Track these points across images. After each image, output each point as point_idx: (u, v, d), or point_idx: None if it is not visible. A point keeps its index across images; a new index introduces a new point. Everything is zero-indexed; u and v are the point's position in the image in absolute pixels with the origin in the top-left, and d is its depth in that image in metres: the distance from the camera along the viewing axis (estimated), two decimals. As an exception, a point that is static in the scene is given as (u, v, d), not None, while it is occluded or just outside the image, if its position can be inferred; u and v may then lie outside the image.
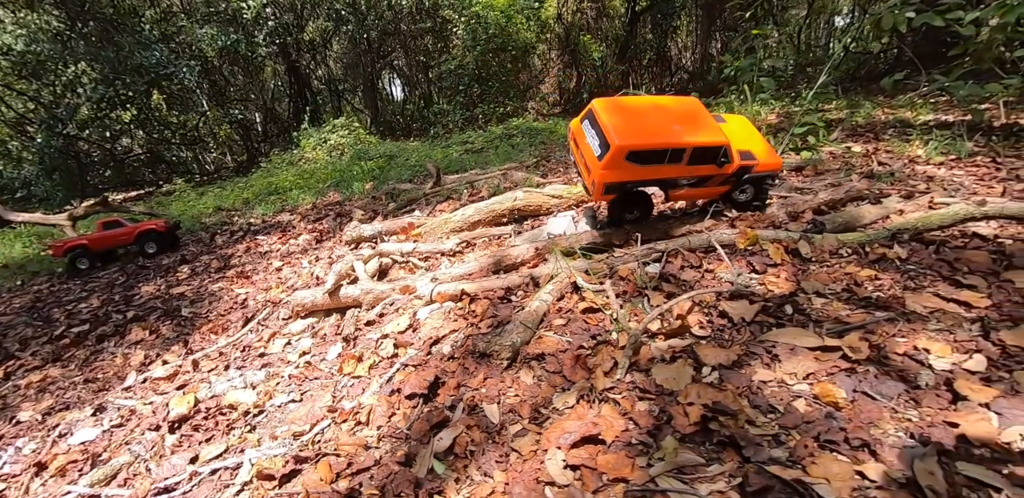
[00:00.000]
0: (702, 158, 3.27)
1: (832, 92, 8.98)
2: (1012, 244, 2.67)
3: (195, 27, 12.61)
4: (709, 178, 3.36)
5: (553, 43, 16.99)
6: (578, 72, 17.74)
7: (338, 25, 15.48)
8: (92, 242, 7.09)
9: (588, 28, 16.93)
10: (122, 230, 7.17)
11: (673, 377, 2.07)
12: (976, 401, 1.66)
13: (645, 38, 15.91)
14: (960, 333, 2.04)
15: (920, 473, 1.46)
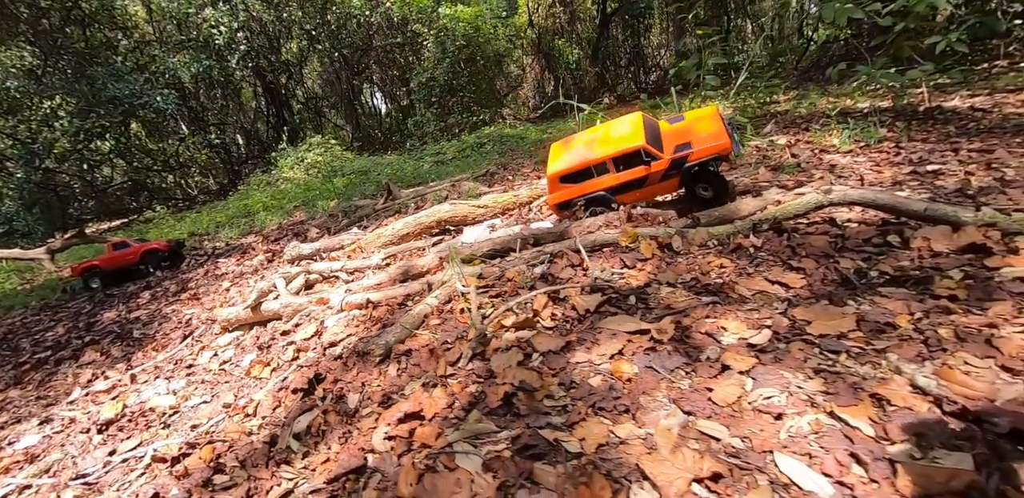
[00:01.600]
0: (628, 163, 3.81)
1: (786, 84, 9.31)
2: (853, 228, 2.97)
3: (167, 57, 13.32)
4: (646, 178, 3.83)
5: (528, 49, 17.51)
6: (555, 76, 18.23)
7: (312, 44, 16.17)
8: (103, 262, 7.88)
9: (562, 32, 17.44)
10: (128, 250, 7.87)
11: (504, 363, 2.39)
12: (737, 369, 1.97)
13: (617, 39, 16.37)
14: (764, 311, 2.35)
15: (660, 431, 1.77)
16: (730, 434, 1.70)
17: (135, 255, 7.87)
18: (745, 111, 7.87)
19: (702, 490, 1.52)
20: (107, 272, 7.89)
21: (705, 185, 3.78)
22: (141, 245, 8.06)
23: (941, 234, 2.57)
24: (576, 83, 17.30)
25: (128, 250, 7.94)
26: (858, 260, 2.60)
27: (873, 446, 1.51)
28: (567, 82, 17.60)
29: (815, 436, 1.60)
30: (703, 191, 3.81)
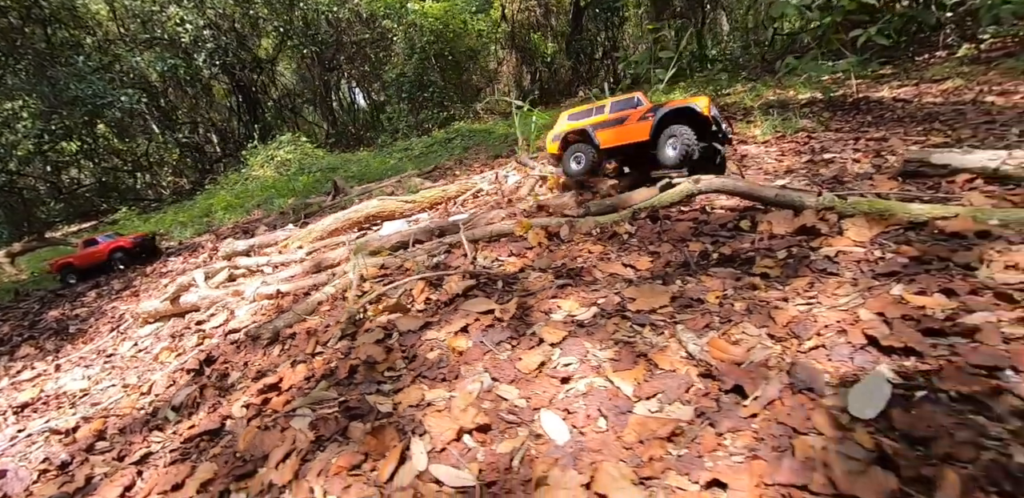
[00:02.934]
0: (622, 107, 4.31)
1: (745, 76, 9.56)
2: (716, 214, 3.21)
3: (131, 56, 13.51)
4: (627, 117, 4.20)
5: (504, 43, 17.73)
6: (532, 70, 18.44)
7: (283, 41, 16.37)
8: (77, 260, 8.40)
9: (537, 26, 17.66)
10: (97, 248, 8.22)
11: (365, 342, 2.63)
12: (549, 342, 2.20)
13: (592, 32, 16.59)
14: (603, 291, 2.58)
15: (462, 394, 2.01)
16: (518, 395, 1.94)
17: (103, 253, 8.21)
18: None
19: (469, 439, 1.75)
20: (81, 269, 8.38)
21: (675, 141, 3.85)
22: (108, 243, 8.34)
23: (783, 218, 2.81)
24: (552, 77, 17.53)
25: (96, 248, 8.30)
26: (707, 243, 2.84)
27: (625, 403, 1.74)
28: (543, 76, 17.84)
29: (584, 396, 1.83)
30: (670, 150, 3.87)
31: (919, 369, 1.56)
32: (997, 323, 1.69)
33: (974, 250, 2.18)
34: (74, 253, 8.68)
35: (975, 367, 1.51)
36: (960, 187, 3.07)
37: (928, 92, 5.95)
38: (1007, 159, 3.01)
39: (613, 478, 1.43)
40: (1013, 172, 2.97)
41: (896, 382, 1.52)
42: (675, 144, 3.82)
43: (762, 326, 1.97)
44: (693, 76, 9.56)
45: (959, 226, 2.38)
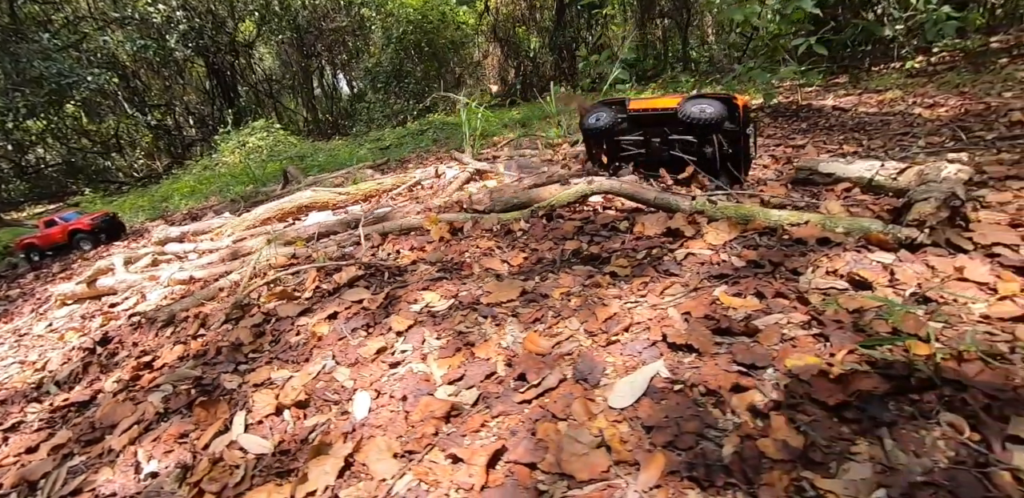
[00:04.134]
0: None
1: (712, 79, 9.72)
2: (603, 214, 3.35)
3: (98, 34, 13.43)
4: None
5: (488, 35, 17.77)
6: (517, 63, 18.52)
7: (259, 26, 16.32)
8: (39, 240, 8.62)
9: (523, 19, 17.72)
10: (56, 229, 8.34)
11: (243, 326, 2.75)
12: (396, 330, 2.34)
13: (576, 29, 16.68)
14: (469, 284, 2.71)
15: (301, 376, 2.14)
16: (348, 377, 2.07)
17: (63, 234, 8.34)
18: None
19: (288, 414, 1.90)
20: (44, 248, 8.61)
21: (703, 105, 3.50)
22: (66, 225, 8.44)
23: (657, 220, 2.95)
24: (535, 71, 17.62)
25: (56, 229, 8.42)
26: (583, 242, 2.97)
27: (429, 387, 1.88)
28: (527, 70, 17.91)
29: (401, 379, 1.97)
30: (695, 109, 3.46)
31: (690, 365, 1.70)
32: (783, 325, 1.84)
33: (808, 256, 2.34)
34: (36, 233, 8.82)
35: (739, 365, 1.65)
36: (837, 195, 3.23)
37: (867, 102, 6.12)
38: (880, 170, 3.17)
39: (378, 450, 1.57)
40: (883, 182, 3.12)
41: (664, 376, 1.66)
42: (703, 108, 3.42)
43: (584, 321, 2.10)
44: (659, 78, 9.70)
45: (805, 233, 2.53)
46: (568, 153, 5.65)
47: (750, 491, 1.20)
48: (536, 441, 1.47)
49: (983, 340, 1.56)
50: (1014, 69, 6.13)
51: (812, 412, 1.40)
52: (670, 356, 1.76)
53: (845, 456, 1.25)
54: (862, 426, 1.32)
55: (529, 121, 10.61)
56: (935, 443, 1.24)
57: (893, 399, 1.39)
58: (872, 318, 1.75)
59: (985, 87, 5.71)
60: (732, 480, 1.23)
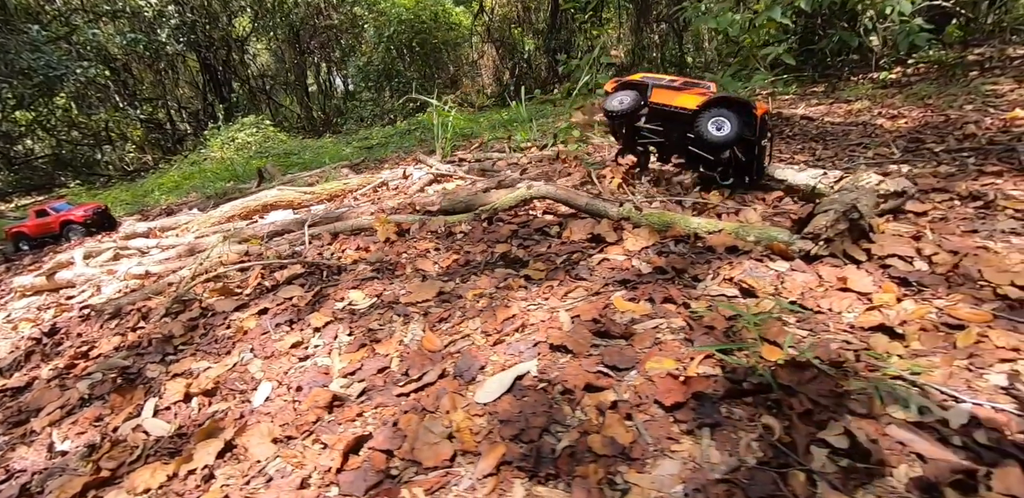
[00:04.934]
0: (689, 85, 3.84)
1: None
2: (540, 218, 3.47)
3: (87, 27, 13.61)
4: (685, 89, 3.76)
5: (484, 36, 17.93)
6: (512, 64, 18.66)
7: (254, 22, 16.49)
8: (29, 229, 8.79)
9: (519, 21, 17.88)
10: (49, 219, 8.47)
11: (181, 320, 2.89)
12: (313, 326, 2.46)
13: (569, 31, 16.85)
14: (396, 284, 2.84)
15: (218, 367, 2.26)
16: (259, 368, 2.20)
17: (55, 224, 8.50)
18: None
19: (196, 401, 2.03)
20: (33, 237, 8.78)
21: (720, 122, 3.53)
22: (59, 215, 8.60)
23: (585, 225, 3.08)
24: (530, 73, 17.76)
25: (49, 219, 8.57)
26: (514, 246, 3.10)
27: (326, 379, 2.00)
28: (522, 71, 18.06)
29: (304, 371, 2.09)
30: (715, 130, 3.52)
31: (560, 365, 1.82)
32: (660, 329, 1.96)
33: (712, 263, 2.46)
34: (26, 222, 8.97)
35: (606, 366, 1.77)
36: (768, 204, 3.35)
37: (836, 112, 6.25)
38: (822, 179, 3.29)
39: (260, 435, 1.69)
40: (824, 191, 3.25)
41: (533, 375, 1.78)
42: (720, 125, 3.48)
43: (484, 322, 2.23)
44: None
45: (717, 241, 2.65)
46: (534, 157, 5.78)
47: (567, 481, 1.32)
48: (397, 431, 1.59)
49: (838, 349, 1.69)
50: (982, 82, 6.24)
51: (651, 412, 1.52)
52: (548, 356, 1.88)
53: (665, 453, 1.37)
54: (690, 426, 1.44)
55: (514, 123, 10.74)
56: (749, 444, 1.35)
57: (727, 402, 1.51)
58: (743, 325, 1.87)
59: (949, 99, 5.82)
60: (554, 471, 1.35)
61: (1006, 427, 1.30)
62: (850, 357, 1.63)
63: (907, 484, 1.17)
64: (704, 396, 1.51)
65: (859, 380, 1.50)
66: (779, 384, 1.49)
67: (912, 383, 1.49)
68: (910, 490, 1.15)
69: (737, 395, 1.50)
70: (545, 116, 10.90)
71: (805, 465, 1.25)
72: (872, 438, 1.27)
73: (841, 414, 1.38)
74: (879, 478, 1.19)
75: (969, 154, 4.01)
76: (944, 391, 1.44)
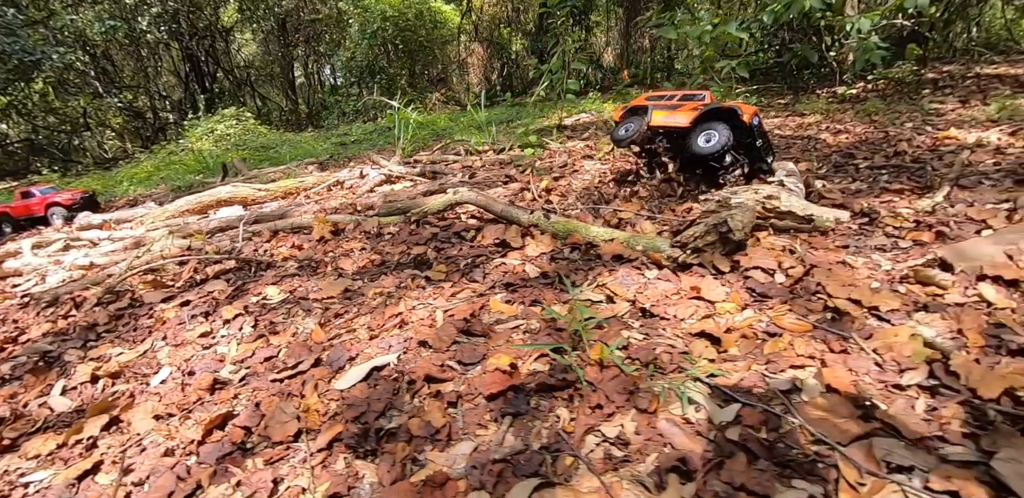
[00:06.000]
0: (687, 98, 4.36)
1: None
2: (460, 222, 3.74)
3: (64, 13, 13.74)
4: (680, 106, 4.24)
5: (472, 34, 18.18)
6: (500, 64, 18.93)
7: (240, 12, 16.67)
8: (13, 210, 8.89)
9: (508, 21, 18.13)
10: (34, 201, 8.63)
11: (109, 309, 3.13)
12: (225, 318, 2.72)
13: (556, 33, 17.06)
14: (312, 282, 3.10)
15: (130, 352, 2.52)
16: (167, 355, 2.46)
17: (40, 207, 8.68)
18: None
19: (101, 382, 2.28)
20: (17, 219, 8.89)
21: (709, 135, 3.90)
22: (45, 197, 8.79)
23: (497, 230, 3.34)
24: (517, 73, 18.01)
25: (34, 201, 8.75)
26: (430, 248, 3.36)
27: (219, 365, 2.26)
28: (509, 71, 18.31)
29: (203, 358, 2.35)
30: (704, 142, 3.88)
31: (417, 359, 2.08)
32: (517, 329, 2.22)
33: (594, 270, 2.73)
34: (10, 204, 9.13)
35: (456, 361, 2.02)
36: (676, 214, 3.63)
37: (788, 125, 6.55)
38: (732, 198, 3.57)
39: (144, 411, 1.95)
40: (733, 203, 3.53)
41: (392, 366, 2.04)
42: (709, 137, 3.84)
43: (373, 318, 2.49)
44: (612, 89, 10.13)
45: (608, 249, 2.91)
46: (488, 161, 6.05)
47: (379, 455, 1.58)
48: (257, 411, 1.85)
49: (661, 351, 1.94)
50: (929, 101, 6.56)
51: (476, 401, 1.78)
52: (413, 350, 2.14)
53: (468, 436, 1.63)
54: (500, 414, 1.70)
55: (497, 123, 11.00)
56: (540, 431, 1.61)
57: (539, 394, 1.77)
58: (590, 328, 2.14)
59: (893, 117, 6.13)
60: (373, 448, 1.62)
61: (762, 425, 1.56)
62: (665, 359, 1.89)
63: (651, 470, 1.42)
64: (520, 389, 1.77)
65: (659, 380, 1.76)
66: (587, 381, 1.76)
67: (707, 384, 1.74)
68: (651, 475, 1.41)
69: (548, 389, 1.76)
70: (521, 118, 11.19)
71: (575, 450, 1.50)
72: (638, 431, 1.54)
73: (628, 408, 1.64)
74: (632, 464, 1.44)
75: (886, 171, 4.29)
76: (727, 392, 1.69)
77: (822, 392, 1.65)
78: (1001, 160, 4.12)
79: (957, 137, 5.05)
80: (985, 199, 3.34)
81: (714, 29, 6.22)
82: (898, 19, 7.44)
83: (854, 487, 1.28)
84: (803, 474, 1.33)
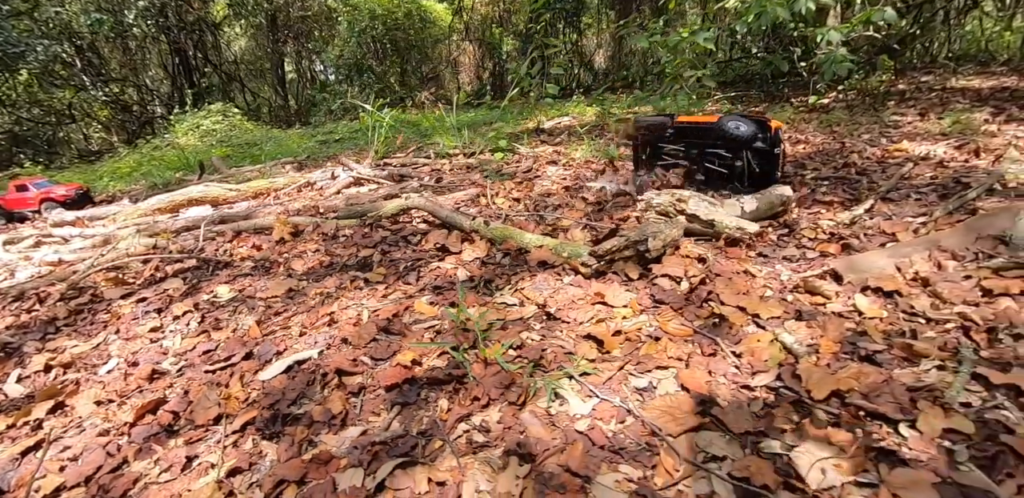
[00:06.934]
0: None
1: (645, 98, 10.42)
2: (411, 226, 4.01)
3: (49, 4, 13.95)
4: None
5: (463, 34, 18.44)
6: (492, 64, 19.19)
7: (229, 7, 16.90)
8: (7, 202, 9.10)
9: (500, 21, 18.39)
10: (28, 194, 8.86)
11: (70, 304, 3.40)
12: (175, 314, 2.99)
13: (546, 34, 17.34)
14: (263, 281, 3.37)
15: (84, 345, 2.78)
16: (118, 347, 2.72)
17: (35, 201, 8.91)
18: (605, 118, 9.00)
19: (54, 372, 2.55)
20: (10, 211, 9.20)
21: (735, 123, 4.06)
22: (39, 192, 9.03)
23: (440, 235, 3.62)
24: (508, 73, 18.27)
25: (28, 194, 8.99)
26: (378, 251, 3.63)
27: (161, 357, 2.53)
28: (500, 71, 18.57)
29: (148, 351, 2.62)
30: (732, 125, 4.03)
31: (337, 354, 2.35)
32: (431, 329, 2.49)
33: (517, 275, 3.00)
34: (3, 195, 9.37)
35: (369, 356, 2.29)
36: (614, 222, 3.90)
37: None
38: (675, 203, 3.84)
39: (87, 397, 2.22)
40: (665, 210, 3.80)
41: (313, 360, 2.32)
42: (738, 125, 3.97)
43: (308, 316, 2.76)
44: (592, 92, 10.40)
45: (536, 255, 3.18)
46: (457, 164, 6.32)
47: (282, 436, 1.86)
48: (186, 397, 2.13)
49: (550, 351, 2.21)
50: (892, 112, 6.85)
51: (376, 392, 2.05)
52: (335, 346, 2.42)
53: (360, 422, 1.90)
54: (392, 403, 1.97)
55: (476, 125, 11.27)
56: (421, 418, 1.88)
57: (429, 387, 2.03)
58: (496, 329, 2.41)
59: (853, 127, 6.41)
60: (277, 431, 1.89)
61: (611, 418, 1.82)
62: (550, 358, 2.16)
63: (500, 454, 1.67)
64: (415, 381, 2.05)
65: (538, 377, 2.03)
66: (473, 376, 2.03)
67: (578, 381, 2.00)
68: (500, 458, 1.65)
69: (437, 383, 2.03)
70: (505, 120, 11.46)
71: (445, 436, 1.77)
72: (502, 420, 1.80)
73: (501, 401, 1.91)
74: (489, 448, 1.71)
75: (828, 182, 4.55)
76: (592, 389, 1.94)
77: (676, 390, 1.91)
78: (939, 174, 4.33)
79: (907, 150, 5.28)
80: (905, 212, 3.60)
81: (683, 39, 6.50)
82: (869, 31, 7.73)
83: (669, 473, 1.53)
84: (629, 460, 1.59)
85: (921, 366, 1.97)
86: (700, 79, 6.48)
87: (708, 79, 6.49)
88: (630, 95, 9.21)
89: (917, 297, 2.40)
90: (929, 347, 2.02)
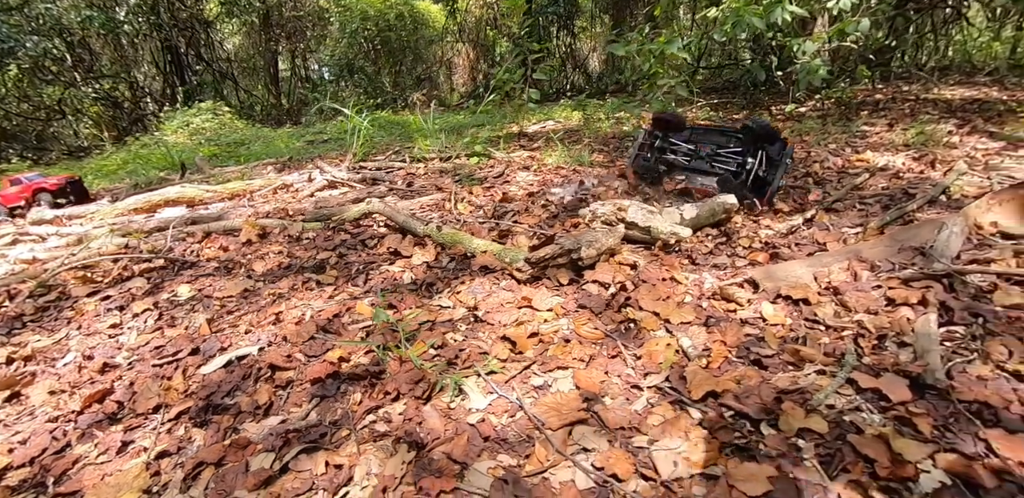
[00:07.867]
0: None
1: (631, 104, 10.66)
2: (372, 230, 4.25)
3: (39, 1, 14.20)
4: None
5: (457, 37, 18.71)
6: (487, 66, 19.44)
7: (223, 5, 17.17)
8: (5, 199, 9.18)
9: (494, 23, 18.65)
10: (22, 187, 9.08)
11: (38, 301, 3.63)
12: (133, 311, 3.23)
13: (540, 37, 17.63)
14: (222, 281, 3.61)
15: (48, 339, 3.02)
16: (78, 342, 2.96)
17: (28, 193, 9.13)
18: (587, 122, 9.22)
19: (15, 365, 2.78)
20: (11, 208, 9.22)
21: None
22: (30, 184, 9.24)
23: (394, 240, 3.85)
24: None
25: (21, 187, 9.20)
26: (335, 254, 3.87)
27: (116, 352, 2.77)
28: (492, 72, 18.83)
29: (107, 346, 2.86)
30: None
31: (275, 351, 2.59)
32: (365, 329, 2.72)
33: (457, 279, 3.23)
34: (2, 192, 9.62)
35: (304, 354, 2.53)
36: (566, 229, 4.14)
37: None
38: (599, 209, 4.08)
39: (42, 388, 2.46)
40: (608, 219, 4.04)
41: (252, 356, 2.55)
42: (756, 120, 4.21)
43: (258, 316, 3.00)
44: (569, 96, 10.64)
45: (480, 260, 3.41)
46: (432, 169, 6.56)
47: (210, 424, 2.10)
48: (131, 388, 2.37)
49: (467, 351, 2.43)
50: (863, 122, 7.09)
51: (304, 386, 2.29)
52: (276, 343, 2.66)
53: (282, 412, 2.13)
54: (313, 396, 2.20)
55: (462, 128, 11.51)
56: (336, 410, 2.11)
57: (349, 382, 2.27)
58: (425, 330, 2.64)
59: (822, 137, 6.64)
60: (207, 419, 2.13)
61: (504, 412, 2.04)
62: (465, 357, 2.38)
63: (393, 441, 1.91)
64: (337, 376, 2.28)
65: (448, 374, 2.25)
66: (390, 373, 2.27)
67: (484, 379, 2.22)
68: (393, 445, 1.88)
69: (357, 378, 2.27)
70: (493, 123, 11.70)
71: (352, 426, 1.99)
72: (404, 413, 2.03)
73: (409, 395, 2.14)
74: (387, 437, 1.92)
75: (781, 192, 4.76)
76: (493, 386, 2.16)
77: (570, 389, 2.12)
78: (892, 185, 4.53)
79: (868, 160, 5.48)
80: (843, 223, 3.81)
81: (656, 48, 6.74)
82: (845, 41, 7.96)
83: (541, 461, 1.75)
84: (508, 450, 1.81)
85: (804, 370, 2.17)
86: (673, 87, 6.71)
87: (681, 88, 6.72)
88: (620, 100, 9.42)
89: (823, 305, 2.60)
90: (815, 353, 2.23)
